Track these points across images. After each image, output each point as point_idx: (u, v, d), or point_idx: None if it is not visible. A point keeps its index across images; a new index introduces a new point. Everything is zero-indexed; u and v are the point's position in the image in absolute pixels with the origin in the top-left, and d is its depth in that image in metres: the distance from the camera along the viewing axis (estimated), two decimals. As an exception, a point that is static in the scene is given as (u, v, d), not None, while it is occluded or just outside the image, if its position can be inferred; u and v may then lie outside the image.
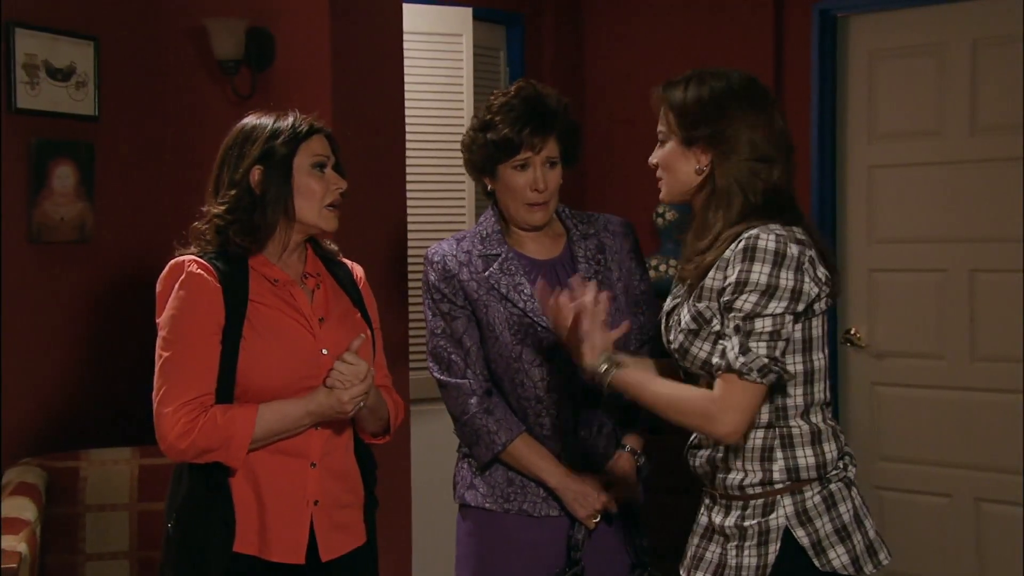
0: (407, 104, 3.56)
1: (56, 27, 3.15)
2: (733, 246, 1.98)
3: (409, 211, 3.58)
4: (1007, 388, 3.86)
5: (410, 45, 3.74)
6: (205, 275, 2.04)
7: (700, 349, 2.01)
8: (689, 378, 2.12)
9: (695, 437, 2.13)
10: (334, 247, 2.29)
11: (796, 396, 2.02)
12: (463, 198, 4.07)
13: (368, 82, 3.39)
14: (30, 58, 3.07)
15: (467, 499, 2.44)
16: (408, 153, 3.52)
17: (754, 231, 1.97)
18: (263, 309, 2.07)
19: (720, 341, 1.97)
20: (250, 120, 2.15)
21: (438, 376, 2.41)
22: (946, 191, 3.98)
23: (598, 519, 2.37)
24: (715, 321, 2.00)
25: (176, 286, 2.03)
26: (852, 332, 4.17)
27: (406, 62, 3.58)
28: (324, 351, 2.10)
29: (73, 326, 3.25)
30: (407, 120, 3.54)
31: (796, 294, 1.96)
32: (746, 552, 2.02)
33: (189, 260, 2.06)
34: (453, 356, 2.39)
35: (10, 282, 3.06)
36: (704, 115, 2.04)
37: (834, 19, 4.15)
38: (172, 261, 2.08)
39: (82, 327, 3.28)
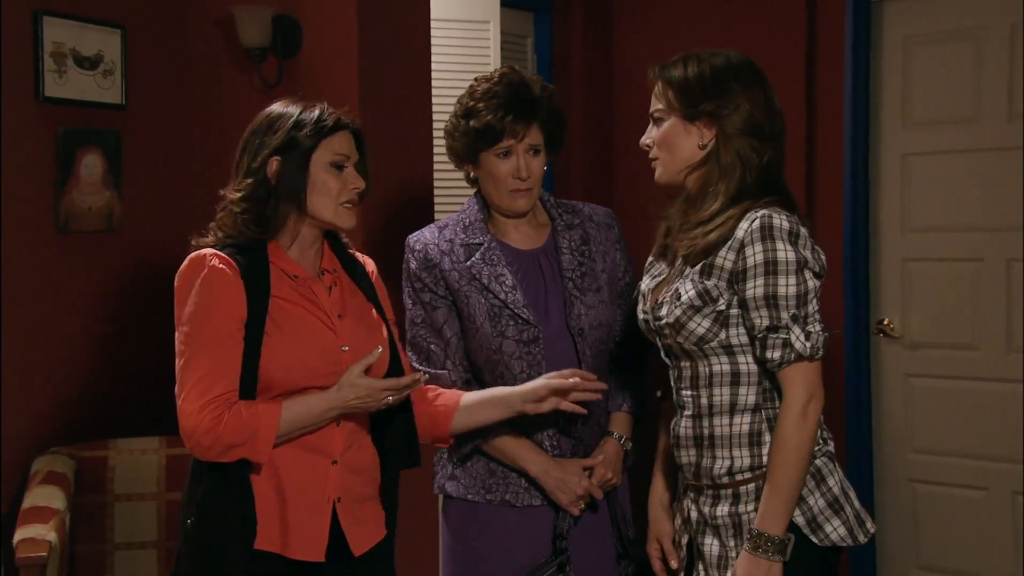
0: (433, 91, 3.53)
1: (83, 15, 3.15)
2: (746, 225, 1.98)
3: (436, 200, 3.56)
4: (1044, 380, 3.80)
5: (437, 32, 3.71)
6: (227, 270, 2.01)
7: (699, 325, 2.01)
8: (668, 355, 2.11)
9: (680, 428, 2.11)
10: (347, 240, 2.26)
11: None
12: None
13: (395, 69, 3.36)
14: (58, 47, 3.07)
15: (448, 490, 2.42)
16: (435, 140, 3.49)
17: (764, 211, 1.98)
18: (285, 305, 2.05)
19: (772, 335, 1.96)
20: (276, 108, 2.11)
21: (417, 367, 2.38)
22: (982, 179, 3.91)
23: (582, 506, 2.35)
24: (721, 300, 1.99)
25: (198, 281, 2.01)
26: (885, 322, 4.11)
27: (433, 49, 3.55)
28: (344, 348, 2.07)
29: (101, 315, 3.25)
30: (434, 107, 3.51)
31: (822, 269, 2.01)
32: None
33: (210, 255, 2.03)
34: (432, 346, 2.36)
35: (37, 271, 3.07)
36: (707, 89, 2.04)
37: (868, 4, 4.08)
38: (192, 255, 2.05)
39: (110, 316, 3.28)
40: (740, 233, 1.98)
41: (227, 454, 1.98)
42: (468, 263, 2.35)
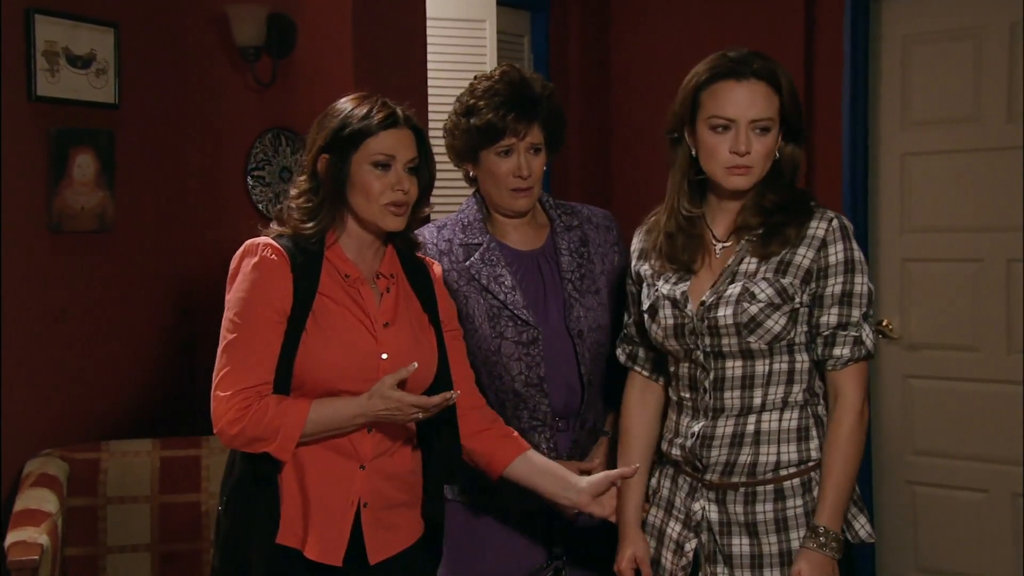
0: (429, 90, 3.51)
1: (76, 14, 3.12)
2: (824, 225, 2.01)
3: (433, 199, 3.53)
4: (1044, 381, 3.78)
5: (433, 31, 3.69)
6: (277, 260, 2.00)
7: (776, 323, 2.01)
8: (708, 357, 2.05)
9: (716, 429, 2.06)
10: (422, 240, 2.20)
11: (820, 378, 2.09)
12: (487, 187, 4.01)
13: (390, 68, 3.35)
14: (50, 45, 3.05)
15: (445, 493, 2.38)
16: (431, 139, 3.47)
17: (831, 212, 2.04)
18: (329, 304, 2.03)
19: (841, 331, 2.00)
20: (336, 103, 2.08)
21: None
22: (982, 179, 3.89)
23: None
24: (797, 298, 2.01)
25: (249, 268, 2.00)
26: (884, 324, 4.09)
27: (429, 48, 3.53)
28: (384, 356, 2.04)
29: (93, 316, 3.23)
30: (429, 107, 3.49)
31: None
32: (793, 536, 2.01)
33: (264, 243, 2.02)
34: None
35: (30, 272, 3.05)
36: (798, 99, 2.09)
37: (867, 3, 4.07)
38: (247, 241, 2.04)
39: (102, 317, 3.26)
40: (820, 232, 2.01)
41: (251, 446, 1.97)
42: (467, 263, 2.33)
